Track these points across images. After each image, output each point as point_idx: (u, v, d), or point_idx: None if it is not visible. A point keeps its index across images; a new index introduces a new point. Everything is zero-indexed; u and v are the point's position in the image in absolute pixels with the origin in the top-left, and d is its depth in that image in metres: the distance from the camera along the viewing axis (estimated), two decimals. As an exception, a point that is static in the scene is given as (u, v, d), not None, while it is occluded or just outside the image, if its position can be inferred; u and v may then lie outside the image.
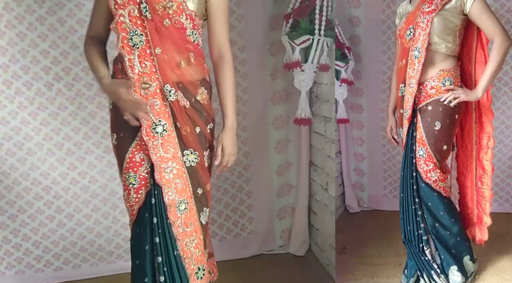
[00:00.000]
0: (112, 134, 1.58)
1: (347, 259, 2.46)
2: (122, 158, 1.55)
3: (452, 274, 2.05)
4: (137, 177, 1.54)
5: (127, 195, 1.57)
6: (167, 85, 1.49)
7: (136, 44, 1.47)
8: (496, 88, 2.91)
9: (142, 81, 1.48)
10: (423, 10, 1.92)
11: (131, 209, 1.57)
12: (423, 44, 1.91)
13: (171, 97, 1.50)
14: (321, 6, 2.23)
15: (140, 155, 1.54)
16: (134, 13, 1.47)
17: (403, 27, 2.01)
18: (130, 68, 1.47)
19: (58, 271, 2.39)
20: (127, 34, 1.47)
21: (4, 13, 2.11)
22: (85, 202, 2.38)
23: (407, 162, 2.06)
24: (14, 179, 2.26)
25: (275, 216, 2.72)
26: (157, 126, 1.50)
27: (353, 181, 3.22)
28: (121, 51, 1.48)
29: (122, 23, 1.46)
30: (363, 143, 3.18)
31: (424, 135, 1.98)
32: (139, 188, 1.54)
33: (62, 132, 2.30)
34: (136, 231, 1.57)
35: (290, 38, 2.28)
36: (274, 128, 2.63)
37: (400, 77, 2.06)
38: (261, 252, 2.66)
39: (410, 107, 1.99)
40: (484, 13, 1.89)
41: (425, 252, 2.05)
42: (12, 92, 2.19)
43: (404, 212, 2.08)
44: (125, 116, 1.48)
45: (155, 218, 1.53)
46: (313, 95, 2.58)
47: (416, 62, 1.94)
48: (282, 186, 2.72)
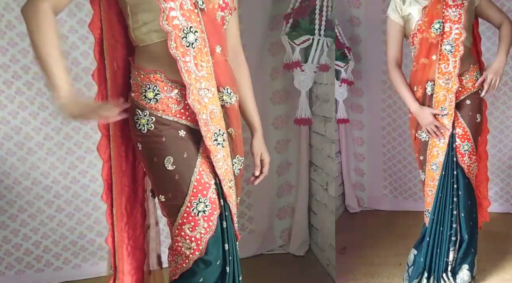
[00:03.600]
0: (167, 158, 1.27)
1: (347, 259, 2.46)
2: (185, 183, 1.27)
3: (462, 273, 2.04)
4: (207, 201, 1.29)
5: (190, 229, 1.27)
6: (227, 87, 1.33)
7: (192, 43, 1.24)
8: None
9: (199, 87, 1.26)
10: (448, 3, 1.91)
11: (196, 245, 1.27)
12: (458, 37, 1.90)
13: (231, 100, 1.34)
14: (321, 6, 2.23)
15: (207, 173, 1.31)
16: (187, 6, 1.23)
17: (424, 22, 1.94)
18: (186, 73, 1.23)
19: (58, 271, 2.39)
20: (180, 31, 1.22)
21: (5, 13, 2.12)
22: (86, 201, 2.38)
23: (448, 161, 1.98)
24: (14, 179, 2.26)
25: (275, 216, 2.73)
26: (218, 136, 1.31)
27: (353, 181, 3.22)
28: (174, 53, 1.22)
29: (173, 18, 1.21)
30: (363, 143, 3.18)
31: (468, 129, 1.96)
32: (210, 214, 1.29)
33: (62, 132, 2.30)
34: (204, 268, 1.30)
35: (290, 38, 2.28)
36: (274, 128, 2.63)
37: (424, 75, 1.97)
38: (261, 252, 2.66)
39: (452, 103, 1.93)
40: (491, 3, 2.02)
41: (449, 253, 2.01)
42: (13, 92, 2.19)
43: (440, 213, 2.00)
44: None
45: (226, 244, 1.33)
46: (313, 95, 2.58)
47: (451, 56, 1.91)
48: (282, 186, 2.72)
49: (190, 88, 1.24)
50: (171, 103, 1.28)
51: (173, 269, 1.34)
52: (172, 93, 1.28)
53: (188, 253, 1.28)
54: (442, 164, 1.97)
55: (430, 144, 2.01)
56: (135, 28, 1.28)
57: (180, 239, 1.29)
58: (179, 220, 1.28)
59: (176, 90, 1.28)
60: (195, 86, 1.25)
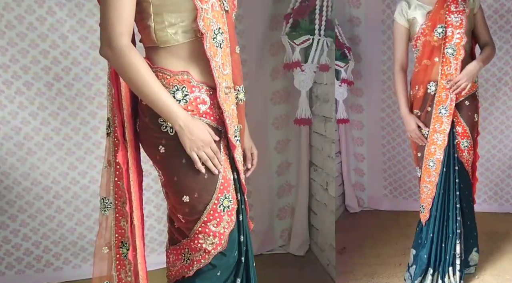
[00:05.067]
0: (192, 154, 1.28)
1: (347, 259, 2.46)
2: (213, 181, 1.30)
3: (471, 255, 2.21)
4: (231, 197, 1.33)
5: (214, 226, 1.31)
6: (241, 86, 1.38)
7: (220, 44, 1.27)
8: (496, 88, 2.91)
9: (225, 86, 1.30)
10: (450, 9, 2.00)
11: (219, 240, 1.32)
12: (459, 42, 1.99)
13: (243, 98, 1.39)
14: (321, 6, 2.23)
15: (228, 169, 1.35)
16: (216, 7, 1.26)
17: (427, 26, 2.03)
18: (217, 73, 1.26)
19: (58, 271, 2.39)
20: (212, 32, 1.25)
21: (4, 13, 2.11)
22: (85, 201, 2.38)
23: (450, 155, 2.08)
24: (14, 179, 2.26)
25: (275, 216, 2.73)
26: (236, 132, 1.36)
27: (353, 181, 3.21)
28: (209, 54, 1.24)
29: (207, 19, 1.23)
30: (363, 143, 3.18)
31: (467, 128, 2.09)
32: (232, 209, 1.34)
33: (62, 132, 2.30)
34: (221, 261, 1.34)
35: (290, 38, 2.28)
36: (274, 128, 2.63)
37: (426, 76, 2.07)
38: (261, 252, 2.66)
39: (453, 103, 2.03)
40: (484, 19, 2.14)
41: (456, 246, 2.07)
42: (12, 92, 2.19)
43: (445, 209, 2.08)
44: (188, 152, 1.25)
45: (242, 236, 1.38)
46: (313, 95, 2.58)
47: (453, 59, 2.00)
48: (282, 186, 2.72)
49: (219, 87, 1.27)
50: (199, 104, 1.29)
51: (181, 267, 1.35)
52: (199, 94, 1.29)
53: (210, 248, 1.31)
54: (440, 161, 2.05)
55: (428, 141, 2.08)
56: (158, 29, 1.24)
57: (202, 236, 1.31)
58: (204, 217, 1.30)
59: (203, 90, 1.29)
60: (222, 86, 1.29)
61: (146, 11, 1.24)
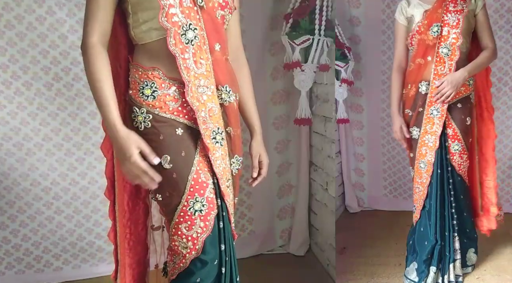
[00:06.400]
0: (164, 156, 1.25)
1: (347, 259, 2.46)
2: (182, 182, 1.27)
3: (469, 254, 2.20)
4: (204, 201, 1.29)
5: (186, 228, 1.27)
6: (226, 86, 1.33)
7: (191, 40, 1.24)
8: (496, 88, 2.90)
9: (198, 84, 1.26)
10: (448, 9, 1.98)
11: (193, 244, 1.28)
12: (455, 42, 1.96)
13: (230, 99, 1.34)
14: (321, 6, 2.23)
15: (205, 172, 1.30)
16: (186, 3, 1.24)
17: (423, 24, 2.01)
18: (185, 70, 1.23)
19: (58, 271, 2.39)
20: (179, 28, 1.22)
21: (4, 13, 2.11)
22: (85, 203, 2.38)
23: (442, 157, 2.07)
24: (13, 180, 2.25)
25: (275, 216, 2.72)
26: (216, 135, 1.31)
27: (353, 181, 3.22)
28: (173, 50, 1.22)
29: (173, 15, 1.22)
30: (363, 143, 3.18)
31: (458, 131, 2.05)
32: (207, 214, 1.29)
33: (61, 133, 2.29)
34: (201, 268, 1.30)
35: (290, 38, 2.28)
36: (274, 129, 2.63)
37: (419, 75, 2.04)
38: (261, 252, 2.66)
39: (444, 105, 2.00)
40: (487, 21, 2.06)
41: (455, 243, 2.09)
42: (12, 93, 2.18)
43: (441, 208, 2.08)
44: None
45: (223, 244, 1.33)
46: (313, 95, 2.58)
47: (447, 59, 1.98)
48: (282, 186, 2.71)
49: (189, 85, 1.24)
50: (169, 101, 1.27)
51: (171, 269, 1.35)
52: (169, 91, 1.27)
53: (185, 252, 1.29)
54: (432, 163, 2.04)
55: (419, 143, 2.08)
56: (135, 27, 1.28)
57: (176, 238, 1.29)
58: (176, 219, 1.28)
59: (174, 88, 1.28)
60: (194, 84, 1.25)
61: (127, 10, 1.29)
